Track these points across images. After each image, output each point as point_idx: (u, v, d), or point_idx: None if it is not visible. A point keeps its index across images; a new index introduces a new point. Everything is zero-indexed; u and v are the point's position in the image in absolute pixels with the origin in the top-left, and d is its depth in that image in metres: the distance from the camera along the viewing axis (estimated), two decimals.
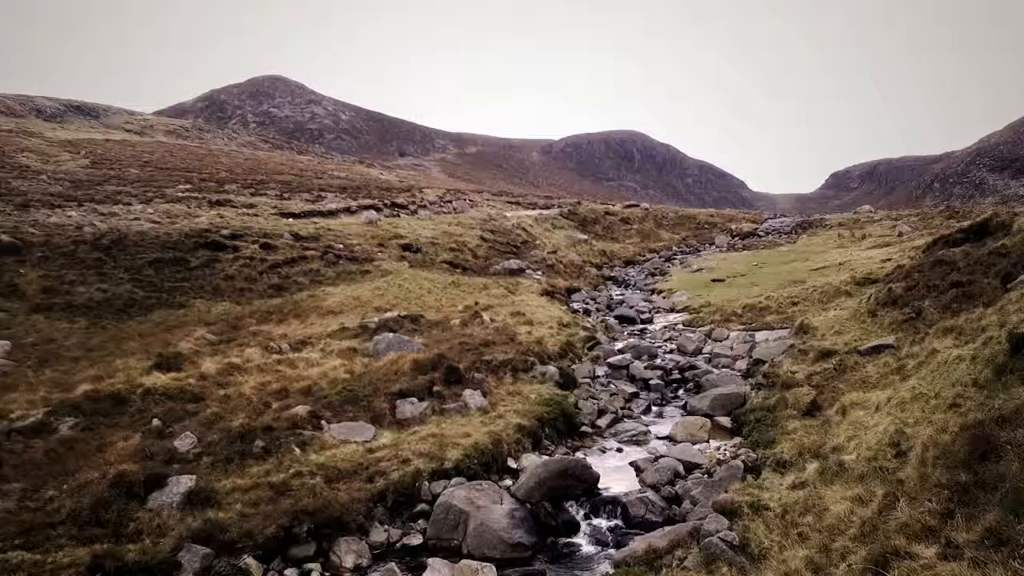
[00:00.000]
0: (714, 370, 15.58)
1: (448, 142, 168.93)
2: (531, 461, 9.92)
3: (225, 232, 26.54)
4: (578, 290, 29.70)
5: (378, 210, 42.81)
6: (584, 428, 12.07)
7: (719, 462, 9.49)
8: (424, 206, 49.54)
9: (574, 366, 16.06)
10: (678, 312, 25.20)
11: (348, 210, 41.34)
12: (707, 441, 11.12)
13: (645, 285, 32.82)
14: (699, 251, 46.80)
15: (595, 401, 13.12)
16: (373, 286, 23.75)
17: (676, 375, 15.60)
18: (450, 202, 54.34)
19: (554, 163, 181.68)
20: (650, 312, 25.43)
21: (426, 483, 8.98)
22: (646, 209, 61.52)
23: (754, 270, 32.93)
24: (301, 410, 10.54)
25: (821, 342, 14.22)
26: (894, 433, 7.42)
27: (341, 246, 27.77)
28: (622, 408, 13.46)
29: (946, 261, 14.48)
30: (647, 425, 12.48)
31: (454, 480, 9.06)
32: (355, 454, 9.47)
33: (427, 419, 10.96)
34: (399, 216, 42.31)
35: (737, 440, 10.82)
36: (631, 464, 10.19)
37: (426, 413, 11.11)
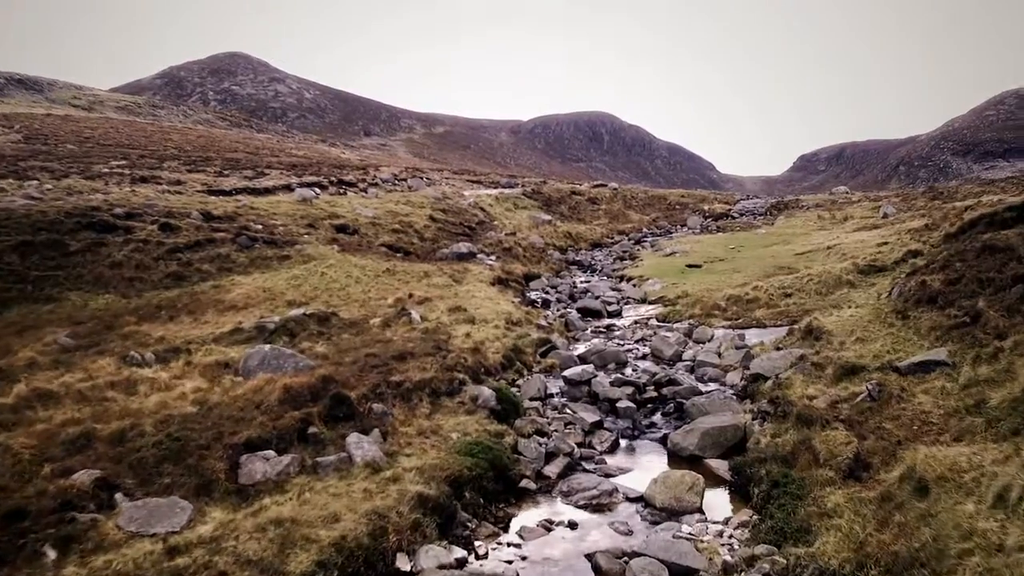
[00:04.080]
0: (700, 385, 12.15)
1: (415, 122, 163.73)
2: (434, 558, 6.36)
3: (119, 211, 22.40)
4: (537, 276, 26.14)
5: (322, 188, 38.71)
6: (525, 483, 8.54)
7: (727, 572, 6.02)
8: (376, 184, 45.38)
9: (520, 381, 12.52)
10: (651, 304, 21.80)
11: (287, 188, 37.15)
12: (699, 510, 7.66)
13: (613, 271, 29.40)
14: (671, 233, 43.58)
15: (542, 441, 9.57)
16: (290, 275, 19.92)
17: (651, 391, 12.12)
18: (405, 180, 50.23)
19: (523, 144, 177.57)
20: (618, 303, 22.00)
21: None
22: (615, 189, 58.10)
23: (732, 254, 29.75)
24: (84, 478, 6.82)
25: (841, 353, 10.84)
26: None
27: (260, 227, 23.79)
28: (580, 445, 9.95)
29: (999, 247, 11.17)
30: (614, 473, 8.98)
31: None
32: (143, 563, 5.80)
33: (287, 483, 7.32)
34: (345, 194, 38.21)
35: (746, 515, 7.36)
36: (588, 561, 6.65)
37: (287, 473, 7.46)
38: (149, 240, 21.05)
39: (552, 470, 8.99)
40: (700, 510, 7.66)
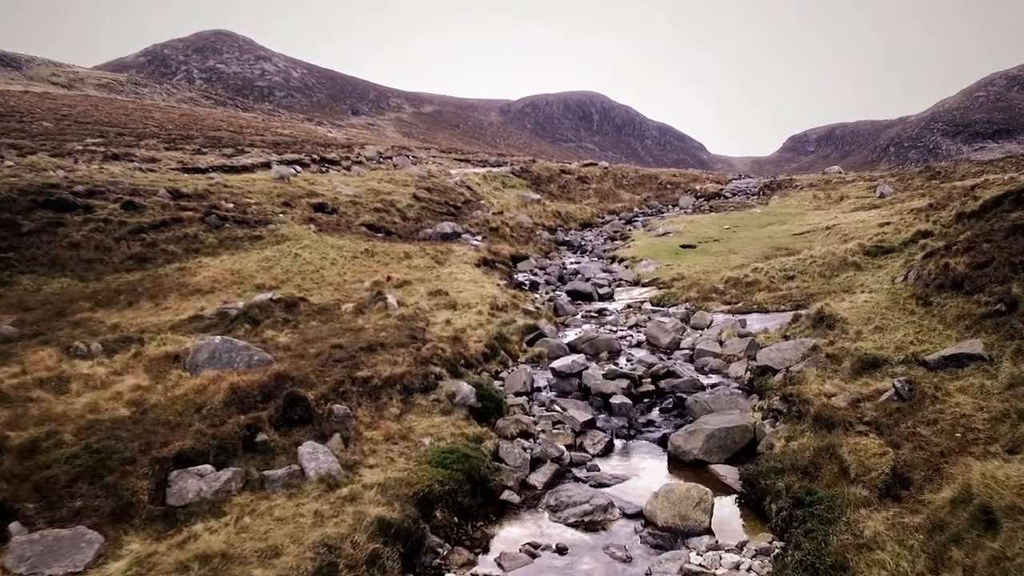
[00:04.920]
0: (701, 378, 11.09)
1: (404, 101, 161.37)
2: None
3: (80, 188, 21.01)
4: (525, 258, 25.00)
5: (303, 165, 37.27)
6: (508, 495, 7.46)
7: None
8: (360, 162, 43.86)
9: (504, 374, 11.42)
10: (645, 286, 20.73)
11: (266, 166, 35.69)
12: (708, 531, 6.60)
13: (604, 252, 28.30)
14: (662, 213, 42.49)
15: (527, 445, 8.49)
16: (261, 256, 18.67)
17: (647, 385, 11.05)
18: (390, 158, 48.71)
19: (512, 124, 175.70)
20: (610, 286, 20.91)
21: None
22: (605, 168, 56.82)
23: (728, 234, 28.70)
24: None
25: (858, 343, 9.79)
26: None
27: (231, 206, 22.46)
28: (570, 447, 8.89)
29: None
30: (609, 483, 7.91)
31: None
32: None
33: (226, 503, 6.20)
34: (326, 172, 36.76)
35: (765, 539, 6.29)
36: None
37: (227, 491, 6.34)
38: (111, 219, 19.73)
39: (538, 479, 7.92)
40: (709, 531, 6.60)
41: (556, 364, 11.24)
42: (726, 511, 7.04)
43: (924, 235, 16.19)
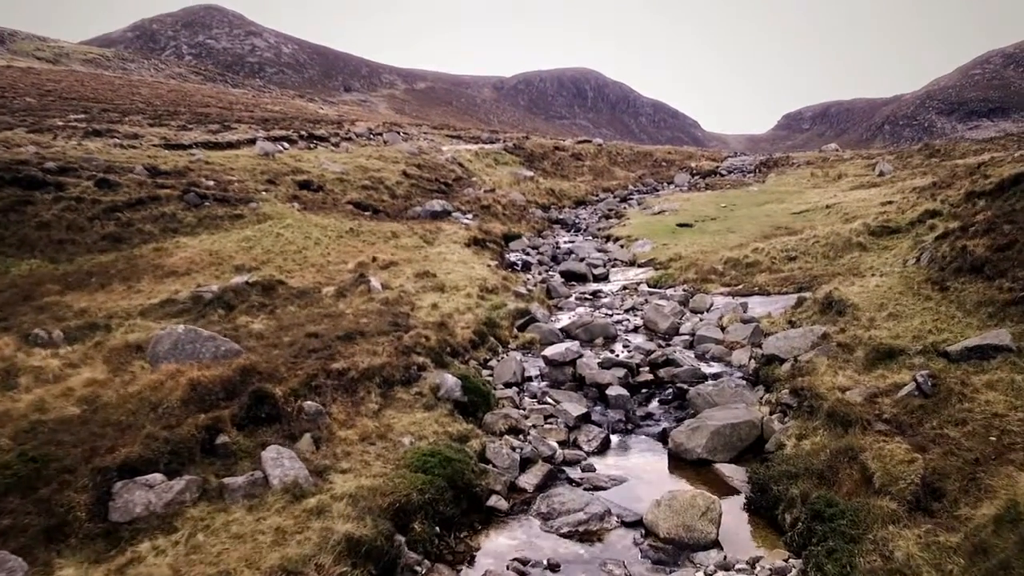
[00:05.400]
0: (702, 366, 10.45)
1: (396, 78, 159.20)
2: None
3: (51, 165, 20.09)
4: (518, 236, 24.25)
5: (291, 142, 36.26)
6: (495, 500, 6.81)
7: None
8: (349, 139, 42.80)
9: (493, 362, 10.76)
10: (641, 267, 20.06)
11: (252, 142, 34.67)
12: (716, 544, 5.97)
13: (599, 230, 27.56)
14: (657, 190, 41.73)
15: (516, 444, 7.82)
16: (241, 236, 17.88)
17: (646, 374, 10.41)
18: (380, 135, 47.63)
19: (506, 100, 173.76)
20: (605, 266, 20.23)
21: None
22: (599, 145, 55.88)
23: (725, 213, 28.00)
24: None
25: (872, 331, 9.14)
26: None
27: (212, 183, 21.59)
28: (563, 444, 8.25)
29: None
30: (606, 485, 7.27)
31: None
32: None
33: (178, 517, 5.53)
34: (314, 149, 35.75)
35: (780, 556, 5.65)
36: None
37: (181, 502, 5.67)
38: (83, 198, 18.86)
39: (529, 481, 7.28)
40: (717, 543, 5.98)
41: (549, 352, 10.56)
42: (734, 520, 6.41)
43: (932, 215, 15.53)
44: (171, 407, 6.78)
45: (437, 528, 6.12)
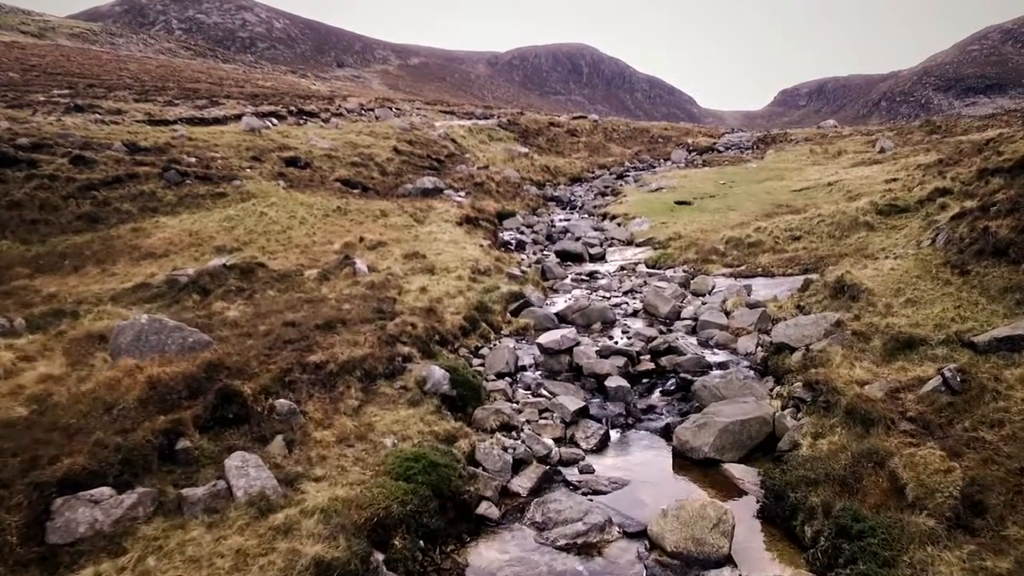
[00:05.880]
0: (706, 354, 9.86)
1: (390, 53, 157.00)
2: None
3: (24, 141, 19.26)
4: (512, 214, 23.58)
5: (280, 118, 35.37)
6: (485, 507, 6.23)
7: None
8: (340, 115, 41.80)
9: (485, 350, 10.14)
10: (639, 246, 19.42)
11: (238, 117, 33.71)
12: (729, 560, 5.40)
13: (595, 208, 26.86)
14: (654, 167, 40.94)
15: (508, 444, 7.22)
16: (223, 215, 17.15)
17: (647, 362, 9.82)
18: (372, 110, 46.58)
19: (500, 76, 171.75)
20: (602, 245, 19.59)
21: None
22: (595, 121, 54.92)
23: (724, 190, 27.31)
24: None
25: (889, 319, 8.55)
26: None
27: (194, 160, 20.77)
28: (559, 441, 7.67)
29: None
30: (606, 488, 6.70)
31: None
32: None
33: (129, 537, 4.93)
34: (304, 125, 34.81)
35: None
36: None
37: (133, 518, 5.06)
38: (58, 176, 18.07)
39: (522, 484, 6.70)
40: (729, 559, 5.41)
41: (543, 339, 9.94)
42: (748, 530, 5.84)
43: (942, 193, 14.90)
44: (127, 408, 6.15)
45: (421, 543, 5.54)
